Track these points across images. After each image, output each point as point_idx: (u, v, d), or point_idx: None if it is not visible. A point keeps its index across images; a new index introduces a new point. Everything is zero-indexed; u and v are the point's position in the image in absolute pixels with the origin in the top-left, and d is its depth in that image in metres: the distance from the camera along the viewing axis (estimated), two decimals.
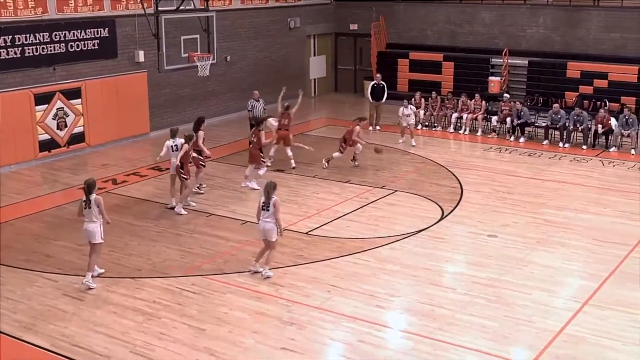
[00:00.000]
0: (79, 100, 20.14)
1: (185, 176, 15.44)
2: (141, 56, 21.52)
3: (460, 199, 16.49)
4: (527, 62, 25.55)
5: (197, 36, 21.38)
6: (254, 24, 25.66)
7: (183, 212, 15.43)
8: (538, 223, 14.95)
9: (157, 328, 10.65)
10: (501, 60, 25.59)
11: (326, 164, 18.69)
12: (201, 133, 16.47)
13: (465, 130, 22.83)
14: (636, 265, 12.75)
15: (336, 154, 18.65)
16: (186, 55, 21.38)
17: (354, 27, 29.07)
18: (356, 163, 18.85)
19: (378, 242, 13.92)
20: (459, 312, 11.11)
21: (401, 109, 21.28)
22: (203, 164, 16.50)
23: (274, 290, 11.87)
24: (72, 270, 12.63)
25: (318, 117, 25.68)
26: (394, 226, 14.76)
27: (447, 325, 10.71)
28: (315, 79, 29.31)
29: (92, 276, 12.06)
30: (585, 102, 23.59)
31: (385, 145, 20.46)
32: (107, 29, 20.71)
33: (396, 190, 17.01)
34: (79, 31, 20.02)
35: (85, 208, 11.86)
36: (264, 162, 17.37)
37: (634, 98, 23.09)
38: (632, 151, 20.40)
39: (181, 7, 20.31)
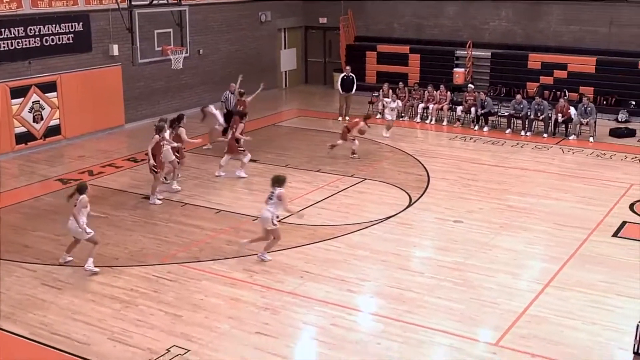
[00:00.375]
0: (54, 94, 19.88)
1: (155, 170, 15.25)
2: (115, 50, 21.29)
3: (427, 186, 16.58)
4: (490, 54, 25.70)
5: (171, 30, 21.24)
6: (226, 18, 25.51)
7: (158, 202, 15.33)
8: (502, 209, 15.08)
9: (134, 315, 10.60)
10: (465, 53, 25.71)
11: (330, 150, 18.83)
12: (182, 130, 16.31)
13: (431, 120, 22.94)
14: (595, 248, 12.93)
15: (340, 142, 18.74)
16: (160, 48, 21.23)
17: (323, 20, 29.02)
18: (356, 156, 18.78)
19: (348, 229, 13.96)
20: (426, 295, 11.19)
21: (386, 101, 21.38)
22: (178, 160, 16.34)
23: (248, 277, 11.86)
24: (50, 260, 12.50)
25: (289, 108, 25.63)
26: (364, 213, 14.81)
27: (416, 308, 10.78)
28: (286, 71, 29.23)
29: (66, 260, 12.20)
30: (546, 92, 23.81)
31: (354, 135, 20.44)
32: (81, 23, 20.43)
33: (365, 179, 17.06)
34: (54, 25, 19.74)
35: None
36: (243, 151, 17.22)
37: (592, 88, 23.37)
38: (591, 139, 20.64)
39: (154, 2, 20.14)
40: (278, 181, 12.33)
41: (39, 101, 19.51)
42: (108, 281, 11.70)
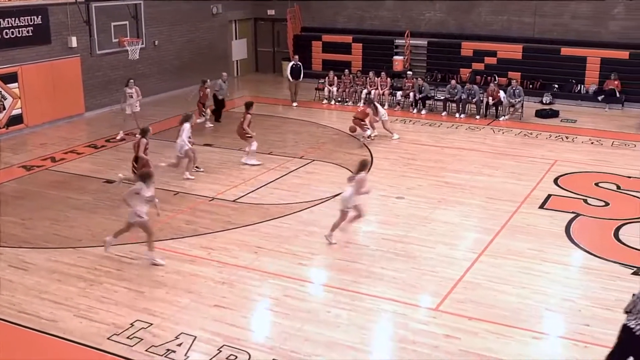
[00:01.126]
0: (15, 84, 19.35)
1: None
2: (74, 42, 20.79)
3: (371, 166, 16.62)
4: (426, 42, 25.83)
5: (127, 22, 20.93)
6: (180, 11, 25.11)
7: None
8: (439, 185, 15.26)
9: (98, 292, 10.46)
10: (404, 42, 25.81)
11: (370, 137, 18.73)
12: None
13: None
14: (523, 219, 13.19)
15: (369, 132, 18.65)
16: (117, 40, 20.91)
17: (271, 12, 28.80)
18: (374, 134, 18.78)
19: (299, 207, 13.97)
20: (372, 266, 11.29)
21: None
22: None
23: (206, 254, 11.79)
24: (17, 243, 12.24)
25: (241, 95, 25.42)
26: (313, 192, 14.83)
27: (362, 278, 10.87)
28: (237, 61, 28.98)
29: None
30: (478, 77, 24.10)
31: (300, 119, 20.46)
32: (40, 16, 19.88)
33: (314, 160, 17.06)
34: (13, 19, 19.18)
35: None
36: (250, 136, 16.76)
37: (519, 73, 23.72)
38: (505, 117, 20.97)
39: None
40: (363, 165, 12.15)
41: (0, 92, 18.97)
42: (73, 261, 11.52)
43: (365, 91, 23.11)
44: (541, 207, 13.93)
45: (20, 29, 19.40)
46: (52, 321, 9.66)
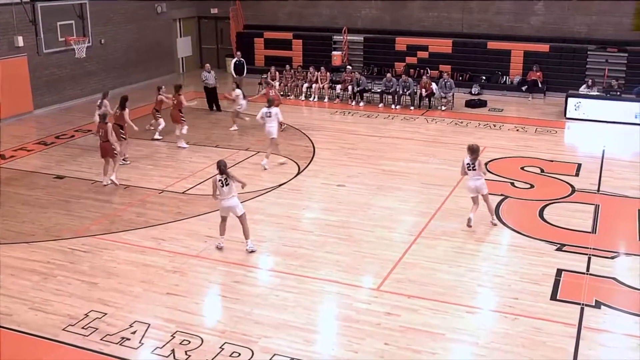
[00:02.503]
0: None
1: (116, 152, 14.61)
2: (20, 41, 20.13)
3: (313, 156, 16.70)
4: (363, 38, 25.92)
5: (73, 22, 20.39)
6: (125, 10, 24.57)
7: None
8: (377, 172, 15.38)
9: (52, 285, 10.23)
10: (341, 37, 25.84)
11: None
12: (126, 111, 15.80)
13: (314, 97, 23.02)
14: (456, 203, 13.39)
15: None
16: (63, 39, 20.36)
17: (214, 11, 28.45)
18: None
19: (246, 197, 13.86)
20: (316, 251, 11.33)
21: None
22: (124, 137, 15.74)
23: (157, 244, 11.64)
24: None
25: (187, 91, 25.03)
26: (259, 182, 14.77)
27: (308, 263, 10.91)
28: (182, 58, 28.57)
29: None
30: (411, 70, 24.29)
31: (247, 113, 20.27)
32: None
33: (259, 152, 16.97)
34: None
35: (222, 186, 10.98)
36: (184, 121, 17.26)
37: (450, 66, 24.03)
38: (442, 107, 21.29)
39: None
40: (476, 151, 12.03)
41: None
42: (26, 256, 11.22)
43: (306, 85, 23.10)
44: None
45: None
46: (8, 315, 9.40)
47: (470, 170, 12.09)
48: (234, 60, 23.28)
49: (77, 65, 22.22)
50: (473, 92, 23.32)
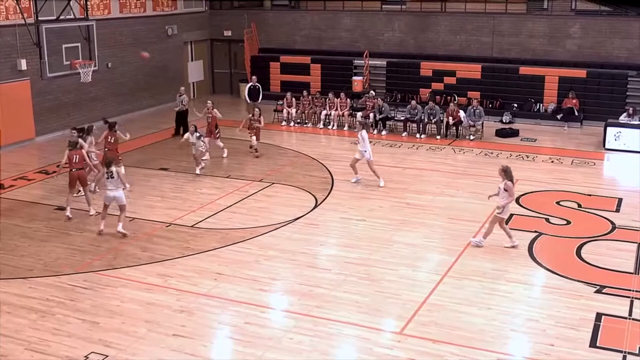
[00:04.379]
0: None
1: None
2: (23, 64, 20.51)
3: (332, 188, 16.71)
4: (385, 62, 26.10)
5: (79, 44, 20.68)
6: (133, 32, 24.98)
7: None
8: (401, 206, 15.34)
9: (51, 324, 10.24)
10: (363, 62, 26.03)
11: None
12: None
13: (333, 125, 23.12)
14: (487, 239, 13.29)
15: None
16: (68, 62, 20.65)
17: (227, 33, 28.83)
18: None
19: (259, 231, 13.91)
20: (334, 290, 11.27)
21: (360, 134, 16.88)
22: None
23: (163, 281, 11.64)
24: None
25: (198, 118, 25.29)
26: (273, 215, 14.78)
27: (325, 303, 10.84)
28: (193, 83, 28.90)
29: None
30: (437, 97, 24.35)
31: (261, 142, 20.39)
32: None
33: (273, 183, 17.03)
34: None
35: (108, 178, 13.37)
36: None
37: (479, 92, 24.08)
38: (470, 136, 21.26)
39: (61, 17, 19.55)
40: (509, 173, 12.73)
41: None
42: (23, 292, 11.26)
43: (324, 112, 23.22)
44: None
45: None
46: (2, 356, 9.40)
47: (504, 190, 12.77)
48: (249, 85, 23.51)
49: (82, 90, 22.53)
50: (504, 121, 23.31)
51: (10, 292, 11.26)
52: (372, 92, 23.60)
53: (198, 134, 17.69)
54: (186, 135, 17.99)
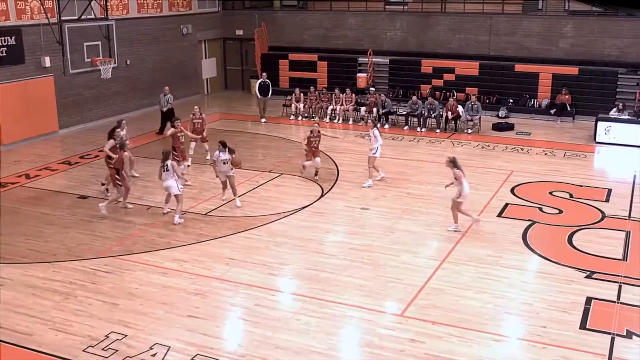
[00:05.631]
0: None
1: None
2: (47, 62, 20.53)
3: (337, 178, 16.71)
4: (388, 60, 26.02)
5: (99, 43, 20.73)
6: (151, 31, 24.97)
7: (130, 206, 14.61)
8: (402, 196, 15.33)
9: (73, 306, 10.30)
10: (367, 59, 25.96)
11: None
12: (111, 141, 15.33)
13: (339, 119, 23.09)
14: (483, 227, 13.29)
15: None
16: (89, 60, 20.70)
17: (239, 32, 28.79)
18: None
19: (268, 219, 13.93)
20: (339, 275, 11.28)
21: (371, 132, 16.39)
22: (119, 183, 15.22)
23: (179, 266, 11.68)
24: None
25: (211, 112, 25.31)
26: (282, 204, 14.80)
27: (330, 287, 10.86)
28: (207, 79, 28.89)
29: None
30: (437, 93, 24.29)
31: (269, 134, 20.42)
32: (13, 37, 19.61)
33: (282, 174, 17.04)
34: None
35: (163, 171, 13.61)
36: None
37: (476, 89, 23.98)
38: (468, 130, 21.20)
39: (83, 17, 19.57)
40: (456, 163, 12.94)
41: None
42: (48, 275, 11.33)
43: (330, 107, 23.19)
44: (499, 215, 14.08)
45: None
46: (28, 335, 9.47)
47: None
48: (259, 81, 23.46)
49: (102, 86, 22.57)
50: (500, 115, 23.24)
51: (35, 276, 11.33)
52: (372, 88, 23.54)
53: (227, 150, 14.62)
54: (215, 154, 14.73)
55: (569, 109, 22.67)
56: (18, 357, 9.01)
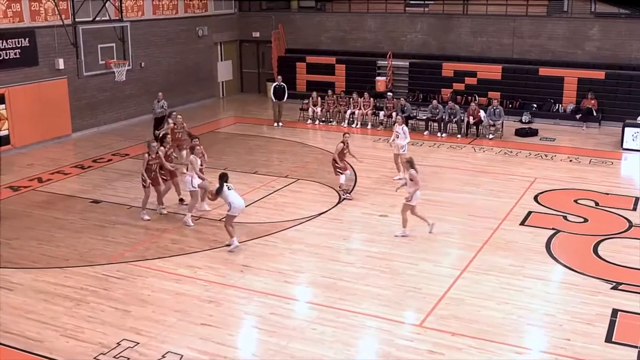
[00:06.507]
0: (3, 106, 19.25)
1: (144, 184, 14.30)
2: (61, 64, 20.73)
3: (355, 184, 16.68)
4: (408, 63, 25.98)
5: (113, 44, 20.88)
6: (166, 33, 25.13)
7: (146, 218, 14.42)
8: (422, 202, 15.22)
9: (85, 312, 10.35)
10: (386, 62, 25.95)
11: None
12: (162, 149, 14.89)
13: (357, 124, 23.08)
14: (505, 236, 13.22)
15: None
16: (103, 62, 20.85)
17: (256, 34, 28.89)
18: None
19: (284, 225, 13.93)
20: (357, 284, 11.25)
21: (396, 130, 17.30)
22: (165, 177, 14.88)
23: (192, 273, 11.71)
24: (2, 263, 12.09)
25: (227, 116, 25.42)
26: (298, 210, 14.80)
27: (347, 295, 10.83)
28: (223, 82, 29.01)
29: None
30: (459, 97, 24.18)
31: (285, 139, 20.46)
32: (27, 39, 19.83)
33: (298, 179, 17.05)
34: (1, 41, 19.10)
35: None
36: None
37: (499, 93, 23.87)
38: (489, 135, 21.08)
39: (97, 18, 19.72)
40: (412, 163, 13.20)
41: None
42: (59, 281, 11.40)
43: (348, 111, 23.18)
44: (522, 223, 13.98)
45: (7, 52, 19.32)
46: (39, 341, 9.53)
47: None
48: (274, 84, 23.52)
49: (116, 89, 22.73)
50: (523, 121, 23.11)
51: (47, 281, 11.41)
52: (389, 93, 23.48)
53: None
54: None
55: (595, 114, 22.49)
56: None
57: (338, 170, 15.77)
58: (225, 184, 12.58)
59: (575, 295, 10.83)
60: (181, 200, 15.14)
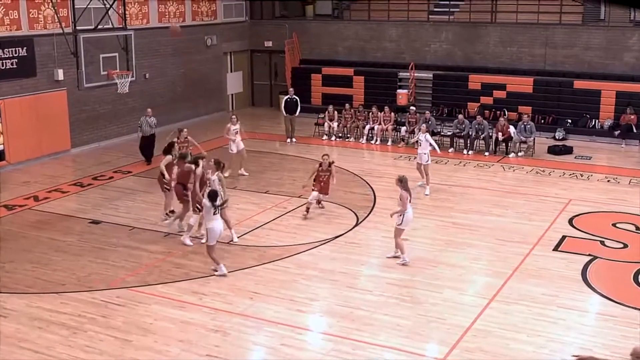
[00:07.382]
0: None
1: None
2: (60, 74, 20.94)
3: (374, 205, 16.68)
4: (432, 75, 26.01)
5: (116, 54, 21.07)
6: (172, 42, 25.30)
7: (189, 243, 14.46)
8: (446, 226, 15.24)
9: (82, 341, 10.38)
10: (408, 74, 25.99)
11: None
12: (169, 157, 15.22)
13: (376, 140, 23.10)
14: (536, 262, 13.15)
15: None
16: (105, 73, 21.04)
17: (268, 44, 29.07)
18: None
19: (297, 249, 13.94)
20: (375, 313, 11.22)
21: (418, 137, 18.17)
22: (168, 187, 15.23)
23: (198, 299, 11.73)
24: None
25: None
26: (312, 233, 14.81)
27: (365, 326, 10.80)
28: (232, 94, 29.18)
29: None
30: (486, 111, 24.18)
31: (299, 156, 20.49)
32: (25, 48, 20.07)
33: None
34: None
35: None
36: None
37: (530, 107, 23.85)
38: (519, 153, 21.02)
39: (99, 27, 19.95)
40: (405, 183, 13.11)
41: None
42: (55, 307, 11.45)
43: (367, 126, 23.22)
44: (555, 249, 13.90)
45: (4, 61, 19.54)
46: None
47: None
48: (286, 97, 23.59)
49: (119, 101, 22.92)
50: (557, 137, 23.04)
51: (42, 307, 11.46)
52: (412, 107, 23.50)
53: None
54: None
55: (634, 130, 22.39)
56: None
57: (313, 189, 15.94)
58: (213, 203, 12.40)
59: (614, 327, 10.73)
60: (172, 212, 15.24)
